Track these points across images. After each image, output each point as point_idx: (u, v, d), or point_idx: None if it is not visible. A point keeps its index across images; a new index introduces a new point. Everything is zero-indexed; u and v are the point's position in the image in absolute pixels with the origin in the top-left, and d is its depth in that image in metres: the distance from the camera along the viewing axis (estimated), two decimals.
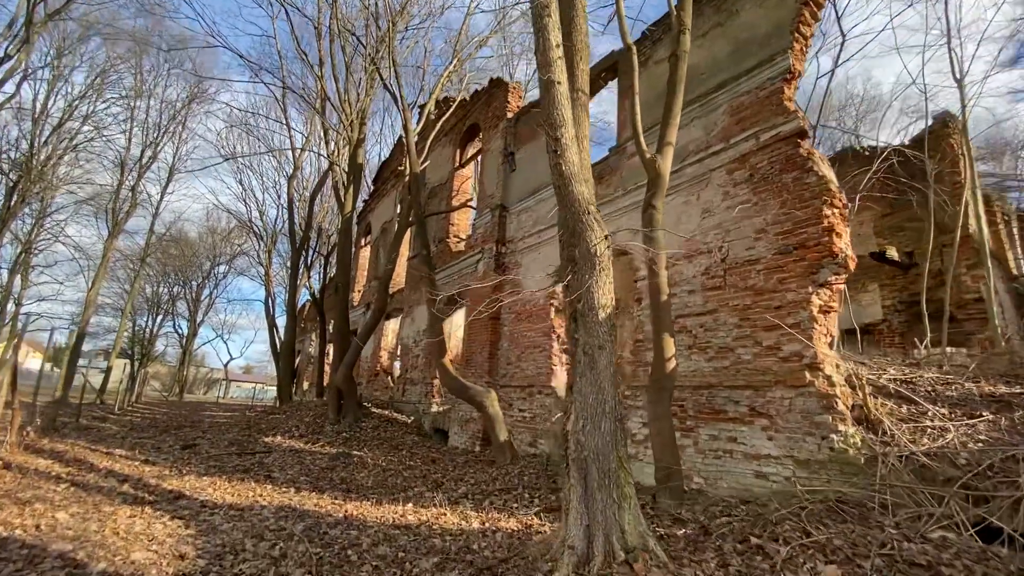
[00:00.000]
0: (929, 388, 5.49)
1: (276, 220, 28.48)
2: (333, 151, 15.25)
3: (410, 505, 6.18)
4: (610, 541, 3.77)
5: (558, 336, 8.93)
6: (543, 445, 8.35)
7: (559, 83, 4.42)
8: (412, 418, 12.69)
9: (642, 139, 5.68)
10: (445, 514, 5.79)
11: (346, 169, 14.39)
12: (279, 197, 27.00)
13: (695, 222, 6.52)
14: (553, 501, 6.09)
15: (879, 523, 3.78)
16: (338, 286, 14.07)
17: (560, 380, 8.69)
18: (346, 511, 5.90)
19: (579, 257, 4.22)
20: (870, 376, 5.78)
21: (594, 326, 4.10)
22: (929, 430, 4.68)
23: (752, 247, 5.89)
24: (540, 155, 10.38)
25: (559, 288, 9.13)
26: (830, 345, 5.28)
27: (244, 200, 31.96)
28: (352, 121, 13.16)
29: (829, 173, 5.50)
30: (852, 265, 5.24)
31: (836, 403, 4.87)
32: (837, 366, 5.20)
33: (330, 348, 23.06)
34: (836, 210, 5.29)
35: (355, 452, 9.50)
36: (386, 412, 13.26)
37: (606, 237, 4.25)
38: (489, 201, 11.58)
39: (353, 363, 12.53)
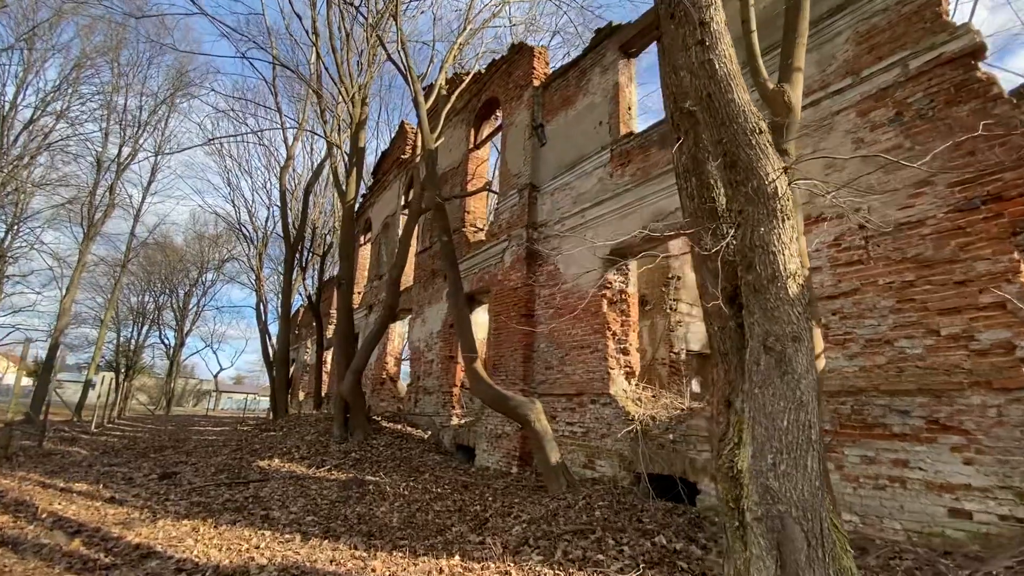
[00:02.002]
0: None
1: (267, 221, 26.79)
2: (331, 130, 13.67)
3: (457, 558, 4.65)
4: None
5: (613, 333, 7.44)
6: (603, 467, 6.84)
7: None
8: (428, 432, 11.11)
9: (761, 64, 4.21)
10: (510, 573, 4.28)
11: (347, 152, 12.84)
12: (269, 197, 25.37)
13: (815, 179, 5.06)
14: (651, 549, 4.60)
15: None
16: (340, 283, 12.48)
17: (619, 386, 7.20)
18: (374, 571, 4.37)
19: (747, 199, 2.75)
20: None
21: (780, 306, 2.63)
22: None
23: (909, 205, 4.45)
24: (576, 124, 8.91)
25: (611, 275, 7.65)
26: None
27: (232, 201, 30.38)
28: (353, 96, 11.62)
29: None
30: None
31: None
32: None
33: (328, 355, 21.42)
34: None
35: (369, 477, 7.94)
36: (398, 426, 11.67)
37: (786, 170, 2.79)
38: (515, 181, 10.09)
39: (362, 368, 10.94)
